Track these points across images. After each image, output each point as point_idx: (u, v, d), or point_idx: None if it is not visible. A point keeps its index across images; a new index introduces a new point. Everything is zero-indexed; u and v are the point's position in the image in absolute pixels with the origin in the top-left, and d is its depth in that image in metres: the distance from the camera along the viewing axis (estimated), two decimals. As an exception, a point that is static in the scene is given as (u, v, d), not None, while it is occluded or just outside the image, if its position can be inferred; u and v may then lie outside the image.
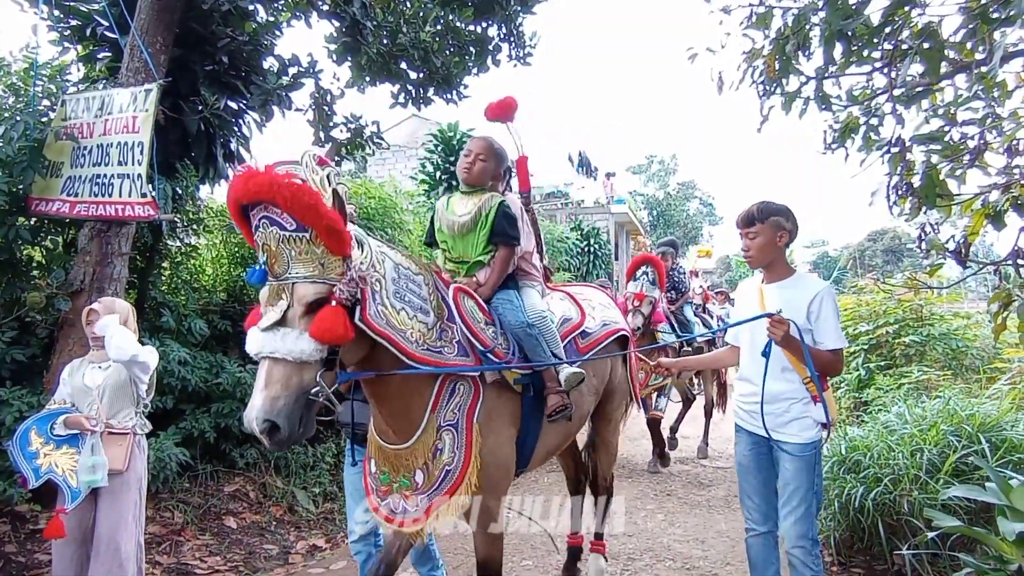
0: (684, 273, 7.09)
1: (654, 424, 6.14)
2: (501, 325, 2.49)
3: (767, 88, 4.04)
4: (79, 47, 4.82)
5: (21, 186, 4.03)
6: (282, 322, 1.76)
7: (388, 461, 2.27)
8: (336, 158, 5.69)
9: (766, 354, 2.51)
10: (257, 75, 5.02)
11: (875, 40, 3.63)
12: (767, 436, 2.56)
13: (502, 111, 2.94)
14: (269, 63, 5.23)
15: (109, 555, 2.98)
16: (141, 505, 3.23)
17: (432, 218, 2.82)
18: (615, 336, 3.13)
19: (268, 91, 4.88)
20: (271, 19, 5.33)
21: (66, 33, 4.80)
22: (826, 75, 3.92)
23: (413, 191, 8.80)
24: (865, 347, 6.42)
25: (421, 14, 5.56)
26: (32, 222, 4.17)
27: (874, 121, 4.06)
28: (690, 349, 6.30)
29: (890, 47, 3.66)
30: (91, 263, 4.10)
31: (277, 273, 1.78)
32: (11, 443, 3.04)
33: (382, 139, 5.84)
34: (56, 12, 4.72)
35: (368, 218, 5.68)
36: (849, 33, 3.53)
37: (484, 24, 6.24)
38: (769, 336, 2.45)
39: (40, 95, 4.32)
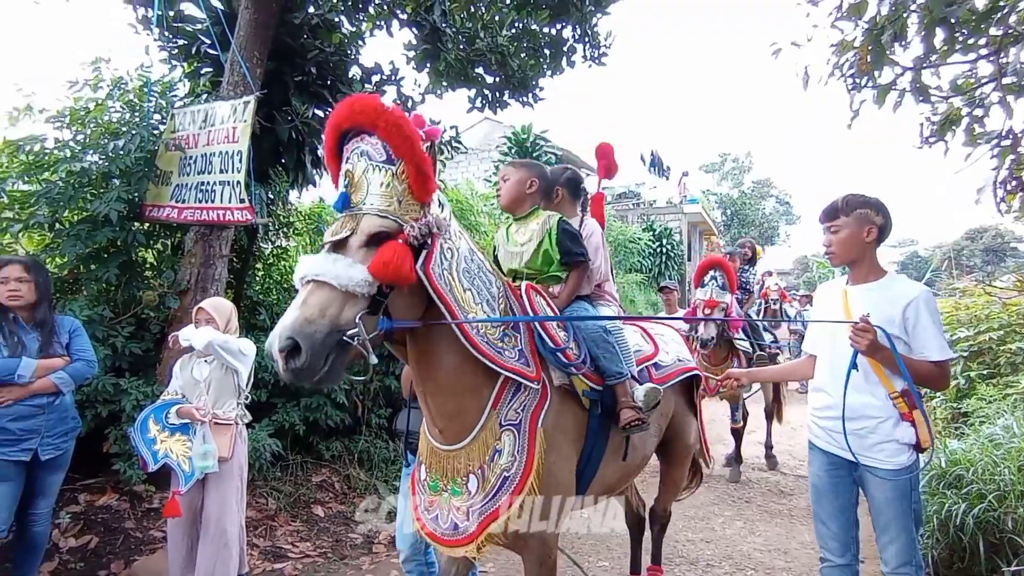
0: (754, 275, 6.84)
1: (736, 434, 6.01)
2: (574, 334, 2.29)
3: (857, 81, 3.87)
4: (185, 64, 5.21)
5: (137, 194, 4.41)
6: (340, 248, 1.65)
7: (439, 465, 2.04)
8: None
9: (854, 366, 2.20)
10: (343, 84, 5.26)
11: (981, 27, 3.40)
12: (851, 458, 2.29)
13: (608, 169, 2.93)
14: (354, 72, 5.47)
15: (217, 535, 3.23)
16: (242, 490, 3.48)
17: (495, 250, 2.67)
18: (689, 374, 2.97)
19: (353, 99, 5.10)
20: (355, 30, 5.57)
21: (174, 52, 5.21)
22: (925, 65, 3.70)
23: (488, 193, 8.92)
24: (964, 354, 5.97)
25: (498, 18, 5.65)
26: (146, 227, 4.55)
27: (979, 112, 3.80)
28: (764, 354, 6.05)
29: (998, 33, 3.41)
30: (196, 264, 4.44)
31: (354, 203, 1.69)
32: (133, 429, 3.35)
33: (460, 143, 5.98)
34: (166, 33, 5.13)
35: (445, 220, 5.82)
36: (952, 20, 3.32)
37: (559, 26, 6.26)
38: (853, 346, 2.16)
39: (152, 110, 4.71)
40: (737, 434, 6.03)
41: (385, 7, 5.63)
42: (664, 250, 16.98)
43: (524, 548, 2.08)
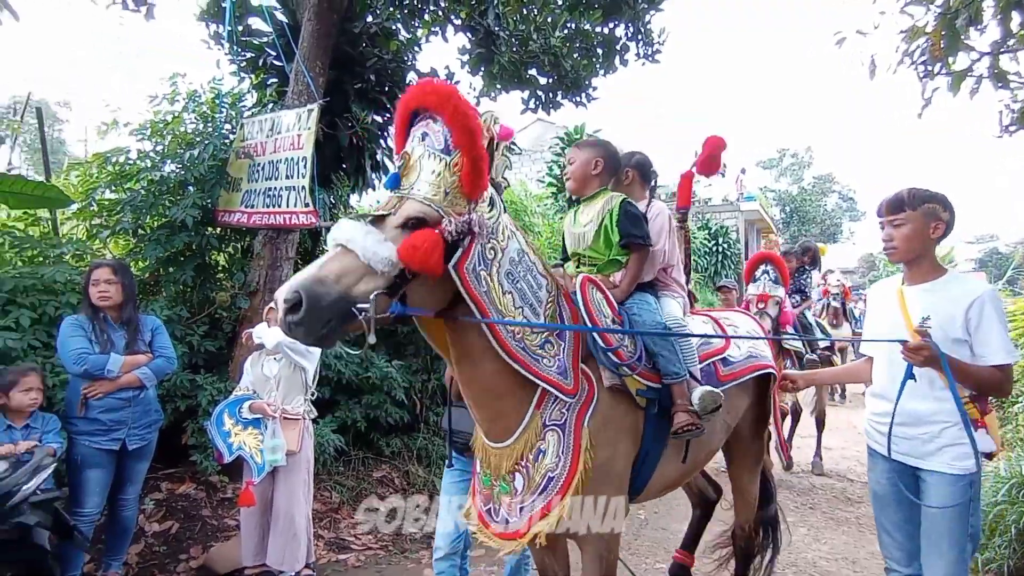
0: (810, 277, 6.57)
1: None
2: (629, 327, 2.21)
3: (930, 68, 3.69)
4: (253, 76, 5.47)
5: (210, 200, 4.66)
6: (377, 223, 1.63)
7: (488, 460, 2.04)
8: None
9: (911, 376, 2.09)
10: (400, 90, 5.40)
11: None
12: (913, 463, 2.17)
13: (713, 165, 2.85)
14: (411, 78, 5.61)
15: (286, 525, 3.39)
16: (309, 483, 3.64)
17: (563, 236, 2.63)
18: (761, 372, 2.74)
19: (411, 105, 5.23)
20: (412, 36, 5.71)
21: (242, 65, 5.48)
22: (1003, 50, 3.50)
23: (541, 194, 8.97)
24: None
25: (550, 20, 5.68)
26: (218, 231, 4.80)
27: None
28: (815, 357, 5.77)
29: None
30: (264, 267, 4.65)
31: (404, 185, 1.69)
32: (209, 423, 3.55)
33: (515, 144, 6.03)
34: (235, 47, 5.40)
35: (499, 221, 5.89)
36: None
37: (612, 24, 6.23)
38: (907, 361, 2.04)
39: (223, 121, 4.96)
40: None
41: (440, 13, 5.75)
42: (720, 249, 16.56)
43: (583, 542, 2.06)
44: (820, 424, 6.34)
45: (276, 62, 5.31)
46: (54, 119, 23.15)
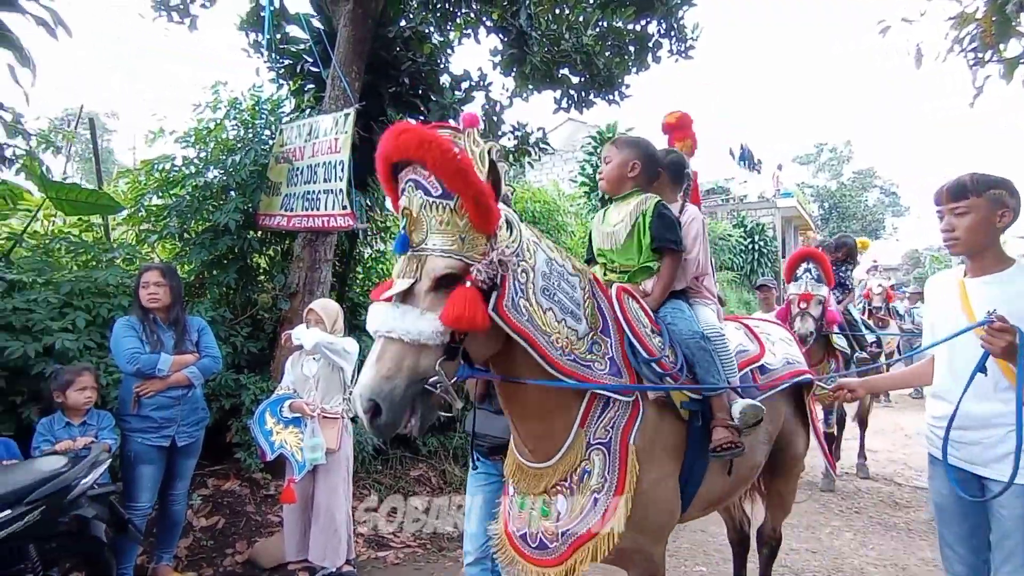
0: (851, 271, 6.33)
1: (828, 440, 5.58)
2: (669, 337, 2.13)
3: (980, 56, 3.55)
4: (291, 83, 5.59)
5: (251, 205, 4.79)
6: (407, 297, 1.57)
7: (526, 481, 1.95)
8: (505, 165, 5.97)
9: (981, 369, 1.91)
10: (434, 92, 5.46)
11: None
12: (980, 472, 2.02)
13: (679, 132, 2.77)
14: (444, 80, 5.66)
15: (327, 522, 3.46)
16: (349, 480, 3.71)
17: (590, 234, 2.55)
18: (799, 378, 2.68)
19: (445, 106, 5.29)
20: (444, 39, 5.76)
21: (281, 72, 5.61)
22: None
23: (574, 194, 8.94)
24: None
25: (582, 18, 5.66)
26: (259, 234, 4.93)
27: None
28: (865, 355, 5.61)
29: None
30: (304, 268, 4.75)
31: (414, 243, 1.58)
32: (252, 421, 3.64)
33: (548, 144, 6.04)
34: (274, 55, 5.54)
35: (533, 221, 5.90)
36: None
37: (644, 21, 6.17)
38: (984, 347, 1.87)
39: (263, 127, 5.09)
40: (830, 440, 5.52)
41: (472, 15, 5.78)
42: (756, 247, 16.26)
43: (628, 563, 1.99)
44: (863, 425, 6.12)
45: (313, 68, 5.42)
46: (103, 129, 24.12)
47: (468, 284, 1.55)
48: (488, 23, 5.94)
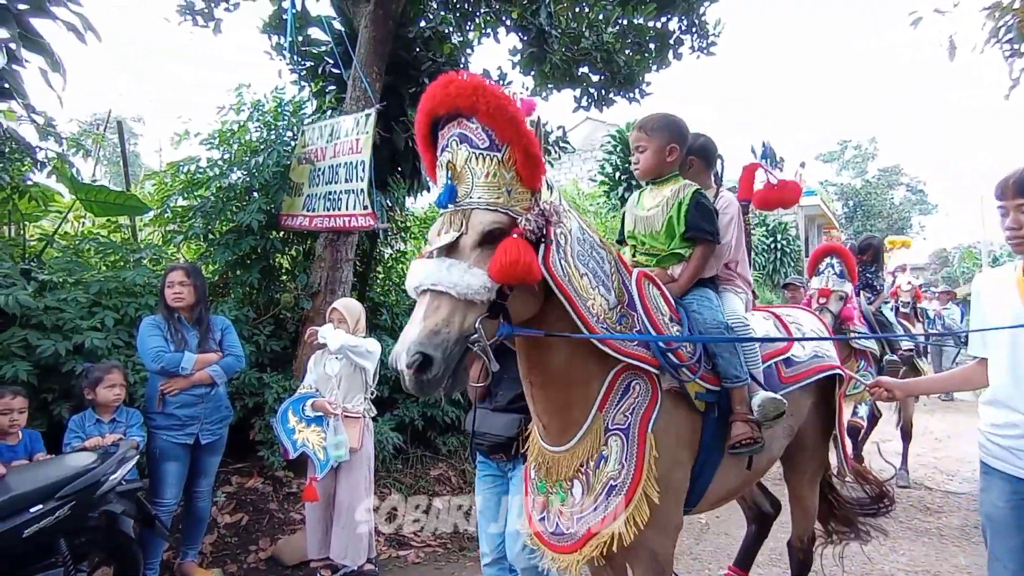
0: (880, 271, 6.09)
1: (853, 432, 5.32)
2: (690, 326, 2.06)
3: (1016, 47, 3.45)
4: (312, 84, 5.64)
5: (273, 205, 4.84)
6: (452, 251, 1.53)
7: (545, 465, 1.93)
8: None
9: None
10: (454, 93, 5.45)
11: None
12: None
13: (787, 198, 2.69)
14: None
15: (348, 520, 3.47)
16: (370, 479, 3.72)
17: (623, 216, 2.48)
18: (828, 373, 2.56)
19: (464, 106, 5.28)
20: (464, 39, 5.76)
21: (303, 74, 5.66)
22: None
23: (594, 192, 8.89)
24: None
25: (602, 16, 5.62)
26: (282, 235, 4.97)
27: None
28: (896, 358, 5.39)
29: None
30: (325, 268, 4.79)
31: (459, 197, 1.55)
32: (275, 420, 3.68)
33: (567, 143, 6.01)
34: (296, 57, 5.59)
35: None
36: None
37: (665, 18, 6.11)
38: None
39: (285, 128, 5.14)
40: (855, 432, 5.38)
41: (492, 14, 5.77)
42: (779, 246, 16.01)
43: (635, 560, 1.92)
44: (906, 435, 5.83)
45: (334, 70, 5.46)
46: (130, 133, 24.67)
47: (516, 236, 1.51)
48: (508, 22, 5.93)
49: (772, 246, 15.92)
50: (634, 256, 2.32)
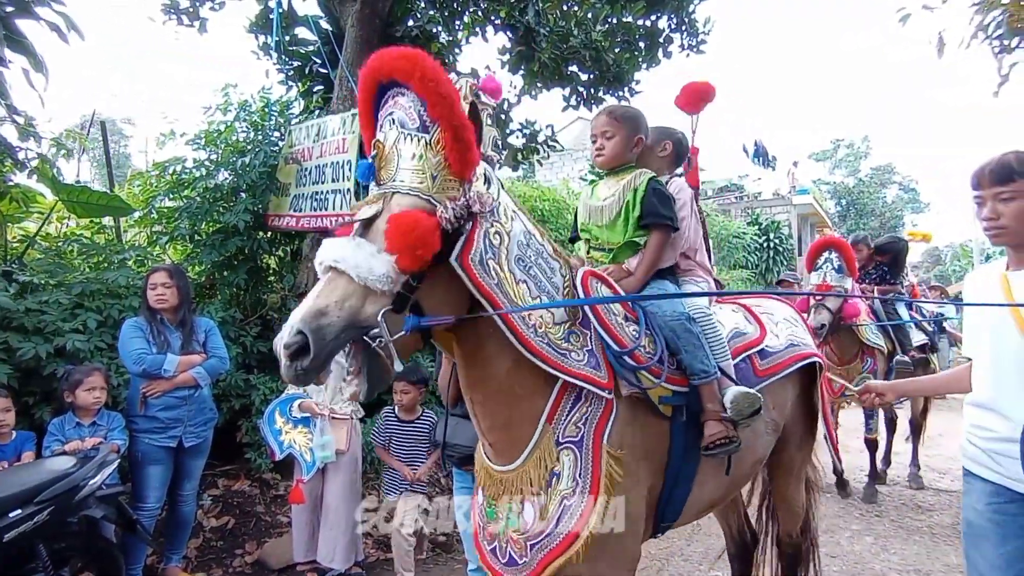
0: (898, 275, 5.77)
1: (871, 446, 5.29)
2: (647, 323, 1.90)
3: (1006, 43, 3.44)
4: (299, 84, 5.61)
5: (261, 206, 4.79)
6: (367, 232, 1.43)
7: (493, 487, 1.76)
8: (513, 163, 5.94)
9: None
10: (442, 92, 5.43)
11: None
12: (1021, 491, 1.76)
13: (694, 99, 2.47)
14: (451, 80, 5.63)
15: (335, 522, 3.44)
16: (358, 482, 3.69)
17: (576, 212, 2.34)
18: (805, 362, 2.41)
19: (452, 105, 5.26)
20: (452, 38, 5.74)
21: (290, 74, 5.63)
22: (1090, 19, 3.23)
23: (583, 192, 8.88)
24: None
25: (591, 14, 5.61)
26: (269, 235, 4.93)
27: None
28: (907, 360, 5.22)
29: None
30: (312, 269, 4.73)
31: (382, 179, 1.48)
32: (262, 421, 3.64)
33: (556, 142, 5.99)
34: (283, 57, 5.56)
35: (542, 220, 5.85)
36: None
37: (654, 16, 6.11)
38: None
39: (272, 128, 5.10)
40: (872, 446, 5.32)
41: (480, 13, 5.75)
42: (771, 244, 16.03)
43: None
44: (916, 430, 5.72)
45: (321, 70, 5.43)
46: (120, 135, 24.50)
47: (431, 216, 1.40)
48: (496, 21, 5.91)
49: (765, 245, 15.94)
50: (588, 252, 2.20)
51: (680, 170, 2.43)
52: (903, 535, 4.39)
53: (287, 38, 5.59)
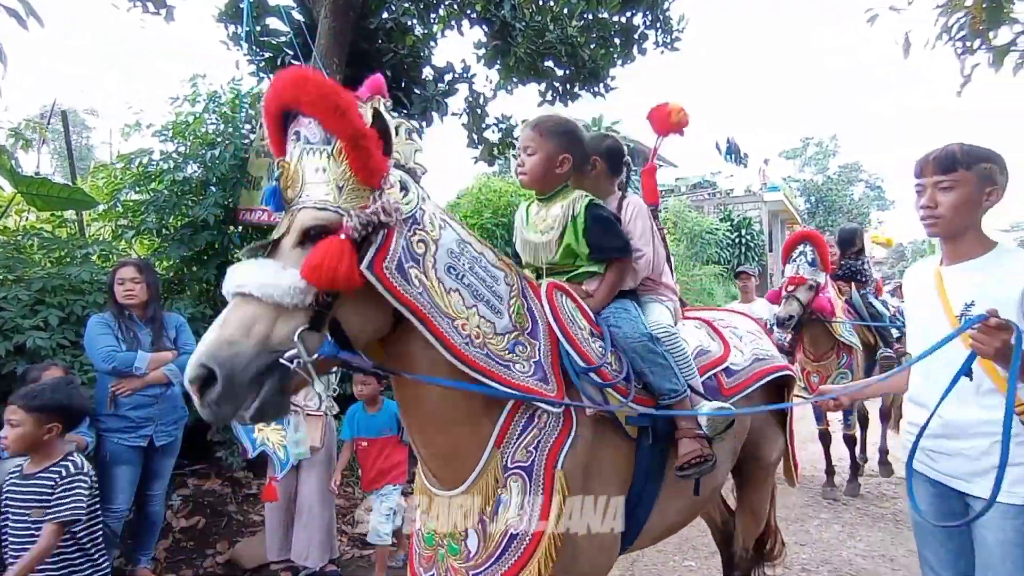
0: (867, 261, 5.86)
1: (828, 440, 5.26)
2: (613, 341, 1.81)
3: (968, 44, 3.55)
4: (271, 76, 5.49)
5: (231, 199, 4.69)
6: (273, 254, 1.37)
7: (435, 511, 1.64)
8: (489, 158, 5.92)
9: (966, 372, 1.64)
10: (417, 85, 5.40)
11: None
12: (960, 487, 1.77)
13: (665, 124, 2.39)
14: (427, 72, 5.60)
15: (310, 519, 3.40)
16: (334, 477, 3.64)
17: (515, 241, 2.15)
18: (773, 376, 2.34)
19: (427, 98, 5.23)
20: (427, 31, 5.69)
21: (261, 65, 5.52)
22: (1048, 23, 3.35)
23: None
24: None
25: (567, 10, 5.62)
26: (240, 230, 4.83)
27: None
28: (890, 353, 5.24)
29: None
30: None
31: (289, 199, 1.41)
32: (233, 418, 3.57)
33: (531, 138, 5.98)
34: (254, 48, 5.44)
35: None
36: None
37: (630, 13, 6.14)
38: (974, 348, 1.57)
39: (243, 120, 4.99)
40: (851, 441, 5.32)
41: (456, 6, 5.72)
42: (743, 240, 16.33)
43: None
44: (885, 419, 5.74)
45: (294, 61, 5.33)
46: (82, 127, 23.76)
47: (341, 236, 1.33)
48: (471, 15, 5.88)
49: (736, 241, 16.23)
50: (539, 278, 2.01)
51: (635, 176, 2.27)
52: (868, 522, 4.52)
53: (258, 28, 5.47)
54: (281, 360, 1.27)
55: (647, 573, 3.62)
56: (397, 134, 1.51)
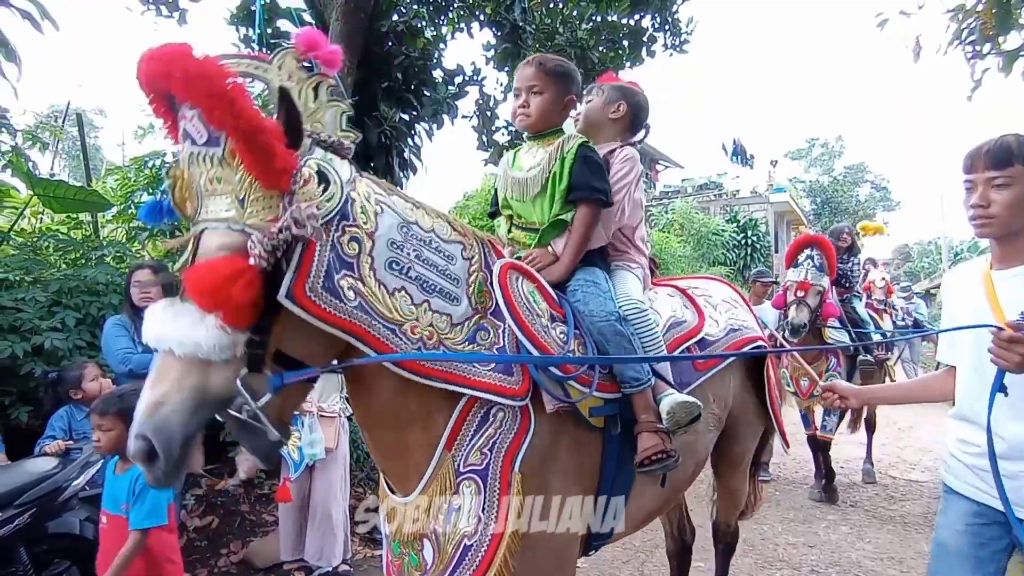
0: (857, 263, 5.86)
1: (818, 445, 5.09)
2: (576, 322, 1.66)
3: (979, 49, 3.56)
4: (281, 78, 5.53)
5: (243, 201, 4.72)
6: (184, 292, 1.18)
7: (395, 519, 1.53)
8: (498, 160, 5.94)
9: (1000, 388, 1.51)
10: (427, 87, 5.42)
11: None
12: (1008, 511, 1.55)
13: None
14: (437, 75, 5.62)
15: (324, 520, 3.43)
16: (346, 479, 3.68)
17: (495, 185, 2.04)
18: (749, 347, 2.18)
19: (438, 101, 5.25)
20: (438, 34, 5.72)
21: (272, 67, 5.54)
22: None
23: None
24: None
25: (576, 13, 5.63)
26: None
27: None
28: (870, 359, 5.30)
29: None
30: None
31: (188, 214, 1.20)
32: (247, 419, 3.60)
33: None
34: (264, 50, 5.47)
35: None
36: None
37: (638, 16, 6.16)
38: (995, 363, 1.47)
39: (255, 122, 5.01)
40: (826, 446, 5.11)
41: (466, 9, 5.74)
42: (749, 241, 16.30)
43: None
44: (870, 427, 5.75)
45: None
46: (91, 126, 23.90)
47: (253, 262, 1.13)
48: (481, 17, 5.90)
49: (743, 242, 16.20)
50: (510, 232, 1.92)
51: (640, 136, 2.15)
52: (877, 524, 4.52)
53: (269, 31, 5.50)
54: (231, 412, 1.16)
55: (657, 573, 3.63)
56: (317, 96, 1.28)
